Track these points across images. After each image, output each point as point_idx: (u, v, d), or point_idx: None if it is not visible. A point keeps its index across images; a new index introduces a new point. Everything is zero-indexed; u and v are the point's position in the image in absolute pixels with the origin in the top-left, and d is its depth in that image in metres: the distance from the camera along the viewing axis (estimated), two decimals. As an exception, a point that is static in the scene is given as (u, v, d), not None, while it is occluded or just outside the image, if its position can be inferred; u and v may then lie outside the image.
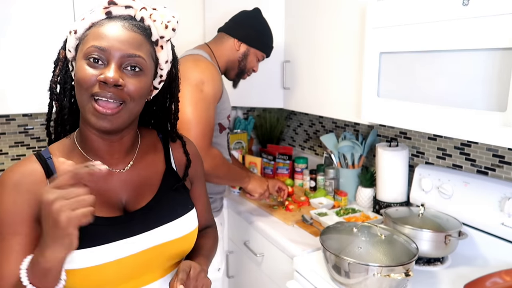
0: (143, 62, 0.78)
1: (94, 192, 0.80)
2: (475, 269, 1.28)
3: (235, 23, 1.66)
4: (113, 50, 0.74)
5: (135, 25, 0.78)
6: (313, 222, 1.68)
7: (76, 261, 0.74)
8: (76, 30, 0.78)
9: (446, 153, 1.59)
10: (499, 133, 1.01)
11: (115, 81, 0.73)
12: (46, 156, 0.81)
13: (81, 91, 0.75)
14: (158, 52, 0.83)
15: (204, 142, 1.40)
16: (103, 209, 0.80)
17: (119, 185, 0.84)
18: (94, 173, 0.66)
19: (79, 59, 0.76)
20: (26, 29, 1.72)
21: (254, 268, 1.84)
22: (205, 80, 1.45)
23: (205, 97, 1.44)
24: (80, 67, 0.75)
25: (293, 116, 2.51)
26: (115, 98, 0.75)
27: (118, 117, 0.76)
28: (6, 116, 2.02)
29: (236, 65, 1.67)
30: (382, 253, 1.13)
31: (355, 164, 1.93)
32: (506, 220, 1.28)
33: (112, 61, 0.75)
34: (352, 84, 1.55)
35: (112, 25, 0.76)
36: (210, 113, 1.45)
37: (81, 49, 0.77)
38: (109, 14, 0.79)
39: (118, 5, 0.79)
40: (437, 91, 1.16)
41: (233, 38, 1.64)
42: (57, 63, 0.84)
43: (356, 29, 1.50)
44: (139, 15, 0.80)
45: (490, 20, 1.00)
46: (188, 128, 1.38)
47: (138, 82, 0.77)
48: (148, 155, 0.91)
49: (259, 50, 1.68)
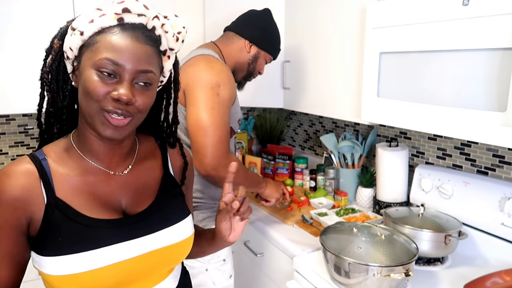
0: (154, 77, 0.77)
1: (94, 195, 0.80)
2: (475, 269, 1.28)
3: (246, 23, 1.58)
4: (127, 65, 0.73)
5: (148, 36, 0.76)
6: (313, 222, 1.68)
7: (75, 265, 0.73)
8: (82, 32, 0.74)
9: (446, 153, 1.59)
10: (499, 133, 1.01)
11: (129, 99, 0.73)
12: (41, 157, 0.78)
13: (90, 102, 0.74)
14: (164, 61, 0.82)
15: (222, 149, 1.33)
16: (104, 212, 0.80)
17: (118, 188, 0.83)
18: None
19: (88, 67, 0.74)
20: (25, 29, 1.72)
21: (254, 268, 1.84)
22: (221, 83, 1.36)
23: (222, 101, 1.36)
24: (90, 77, 0.73)
25: (293, 116, 2.51)
26: (126, 114, 0.74)
27: (126, 129, 0.77)
28: (6, 116, 2.03)
29: (245, 67, 1.60)
30: (382, 253, 1.13)
31: (355, 164, 1.93)
32: (506, 220, 1.28)
33: (125, 76, 0.73)
34: (352, 84, 1.55)
35: (126, 36, 0.74)
36: (226, 118, 1.37)
37: (90, 56, 0.74)
38: (121, 21, 0.75)
39: (131, 13, 0.75)
40: (437, 91, 1.16)
41: (243, 39, 1.55)
42: (50, 52, 0.80)
43: (356, 29, 1.50)
44: (151, 24, 0.77)
45: (490, 20, 1.00)
46: (205, 134, 1.31)
47: (147, 97, 0.77)
48: (147, 160, 0.90)
49: (269, 53, 1.61)
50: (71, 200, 0.77)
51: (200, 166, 1.32)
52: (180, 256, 0.89)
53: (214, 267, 1.47)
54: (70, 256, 0.73)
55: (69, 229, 0.75)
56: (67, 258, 0.73)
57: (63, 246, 0.74)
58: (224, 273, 1.51)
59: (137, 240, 0.80)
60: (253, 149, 2.67)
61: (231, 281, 1.54)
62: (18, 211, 0.74)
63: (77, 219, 0.76)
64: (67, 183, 0.78)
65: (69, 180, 0.78)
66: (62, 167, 0.79)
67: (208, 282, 1.46)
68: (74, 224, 0.75)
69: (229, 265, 1.54)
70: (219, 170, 1.32)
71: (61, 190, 0.77)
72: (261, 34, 1.57)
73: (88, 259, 0.74)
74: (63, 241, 0.74)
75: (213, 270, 1.47)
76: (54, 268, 0.73)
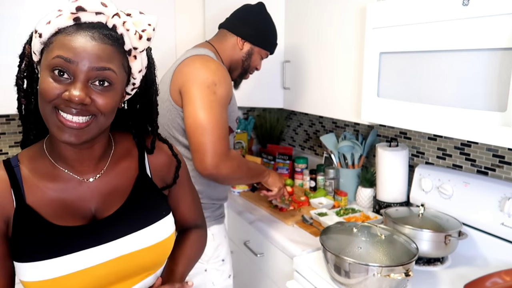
0: (113, 75, 0.72)
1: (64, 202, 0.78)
2: (475, 269, 1.28)
3: (238, 20, 1.55)
4: (81, 62, 0.68)
5: (106, 35, 0.72)
6: (313, 222, 1.68)
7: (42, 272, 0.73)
8: (41, 34, 0.71)
9: (446, 153, 1.59)
10: (499, 133, 1.01)
11: (81, 101, 0.68)
12: (14, 164, 0.78)
13: (44, 104, 0.70)
14: (131, 62, 0.77)
15: (222, 147, 1.32)
16: (70, 219, 0.78)
17: (88, 194, 0.81)
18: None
19: (43, 69, 0.71)
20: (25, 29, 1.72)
21: (254, 268, 1.84)
22: (217, 81, 1.35)
23: (219, 99, 1.35)
24: (43, 78, 0.70)
25: (293, 116, 2.51)
26: (82, 113, 0.70)
27: (87, 131, 0.72)
28: (6, 116, 2.03)
29: (239, 65, 1.58)
30: (382, 253, 1.13)
31: (355, 164, 1.93)
32: (506, 220, 1.28)
33: (79, 76, 0.69)
34: (352, 84, 1.55)
35: (80, 35, 0.70)
36: (224, 116, 1.36)
37: (46, 57, 0.71)
38: (78, 21, 0.71)
39: (87, 11, 0.71)
40: (437, 91, 1.16)
41: (236, 36, 1.53)
42: (23, 58, 0.78)
43: (356, 29, 1.50)
44: (111, 22, 0.72)
45: (490, 20, 1.00)
46: (204, 133, 1.30)
47: (107, 97, 0.72)
48: (122, 162, 0.86)
49: (264, 48, 1.59)
50: (40, 207, 0.76)
51: (200, 165, 1.31)
52: (156, 260, 0.86)
53: (213, 268, 1.47)
54: (40, 263, 0.73)
55: (37, 237, 0.75)
56: (37, 264, 0.73)
57: (32, 253, 0.73)
58: (223, 273, 1.51)
59: (105, 246, 0.78)
60: (253, 149, 2.67)
61: (230, 281, 1.54)
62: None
63: (44, 227, 0.75)
64: (38, 190, 0.77)
65: (39, 187, 0.77)
66: (33, 174, 0.78)
67: (207, 282, 1.46)
68: (41, 232, 0.75)
69: (228, 265, 1.53)
70: (220, 168, 1.31)
71: (31, 197, 0.76)
72: (253, 29, 1.53)
73: (56, 265, 0.73)
74: (32, 248, 0.74)
75: (212, 271, 1.47)
76: (28, 274, 0.73)
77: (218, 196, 1.52)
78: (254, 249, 1.78)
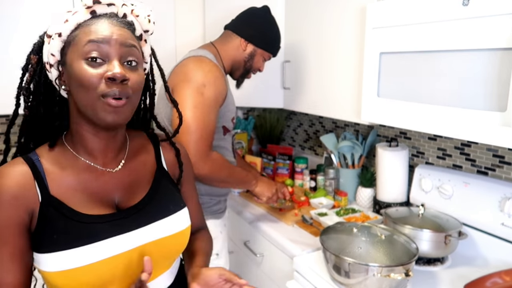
0: (138, 54, 0.79)
1: (88, 192, 0.81)
2: (475, 269, 1.28)
3: (242, 21, 1.60)
4: (112, 41, 0.75)
5: (121, 21, 0.79)
6: (313, 222, 1.68)
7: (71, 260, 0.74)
8: (60, 33, 0.77)
9: (446, 153, 1.59)
10: (499, 133, 1.01)
11: (123, 76, 0.74)
12: (34, 158, 0.81)
13: (88, 92, 0.74)
14: (143, 46, 0.84)
15: (203, 146, 1.37)
16: (97, 208, 0.81)
17: (111, 184, 0.85)
18: None
19: (75, 61, 0.75)
20: (25, 29, 1.72)
21: (254, 268, 1.84)
22: (206, 83, 1.40)
23: (206, 100, 1.40)
24: (80, 69, 0.74)
25: (293, 116, 2.51)
26: (122, 94, 0.75)
27: (125, 111, 0.77)
28: (6, 116, 2.02)
29: (241, 65, 1.62)
30: (382, 253, 1.13)
31: (355, 164, 1.93)
32: (506, 220, 1.28)
33: (113, 54, 0.75)
34: (352, 84, 1.55)
35: (101, 22, 0.76)
36: (211, 117, 1.41)
37: (74, 50, 0.76)
38: (94, 13, 0.78)
39: (101, 4, 0.78)
40: (437, 91, 1.16)
41: (239, 37, 1.58)
42: (27, 69, 0.82)
43: (356, 29, 1.50)
44: (121, 11, 0.80)
45: (490, 20, 1.00)
46: (188, 132, 1.35)
47: (138, 75, 0.79)
48: (139, 155, 0.91)
49: (266, 50, 1.62)
50: (65, 198, 0.79)
51: None
52: (176, 249, 0.90)
53: None
54: (65, 252, 0.74)
55: (63, 226, 0.76)
56: (63, 253, 0.74)
57: (58, 242, 0.75)
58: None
59: (130, 234, 0.81)
60: (253, 149, 2.67)
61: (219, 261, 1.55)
62: (20, 207, 0.75)
63: (71, 216, 0.77)
64: (61, 182, 0.80)
65: (63, 178, 0.80)
66: (55, 166, 0.81)
67: None
68: (68, 221, 0.77)
69: (223, 260, 1.55)
70: (199, 167, 1.35)
71: (56, 188, 0.79)
72: (257, 32, 1.58)
73: (83, 254, 0.75)
74: (58, 237, 0.75)
75: None
76: (50, 265, 0.74)
77: (216, 192, 1.55)
78: (254, 249, 1.78)
